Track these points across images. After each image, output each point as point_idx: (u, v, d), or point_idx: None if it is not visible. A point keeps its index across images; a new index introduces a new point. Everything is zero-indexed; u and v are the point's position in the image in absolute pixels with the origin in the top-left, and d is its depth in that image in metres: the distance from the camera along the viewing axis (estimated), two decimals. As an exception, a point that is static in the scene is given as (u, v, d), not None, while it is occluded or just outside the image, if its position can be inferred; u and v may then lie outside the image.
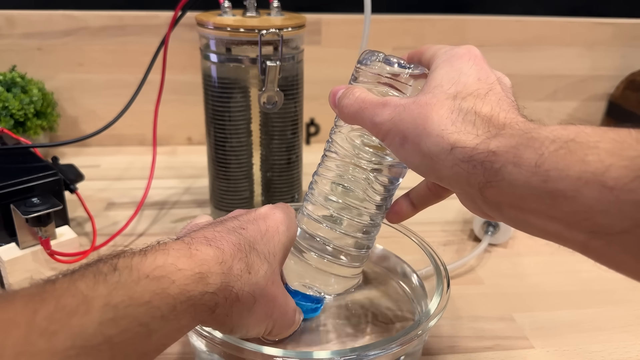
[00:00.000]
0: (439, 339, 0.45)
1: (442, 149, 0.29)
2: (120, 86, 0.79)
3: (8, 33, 0.77)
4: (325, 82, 0.83)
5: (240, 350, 0.33)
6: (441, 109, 0.30)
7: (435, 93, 0.31)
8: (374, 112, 0.33)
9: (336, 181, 0.39)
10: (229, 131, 0.55)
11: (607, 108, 0.92)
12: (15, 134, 0.63)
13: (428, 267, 0.44)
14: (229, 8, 0.52)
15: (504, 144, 0.27)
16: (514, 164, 0.26)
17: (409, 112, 0.31)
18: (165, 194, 0.69)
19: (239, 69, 0.52)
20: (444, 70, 0.32)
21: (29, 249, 0.48)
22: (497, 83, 0.31)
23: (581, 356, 0.44)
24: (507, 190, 0.26)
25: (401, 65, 0.36)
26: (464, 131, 0.29)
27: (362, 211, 0.39)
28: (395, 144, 0.32)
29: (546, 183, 0.24)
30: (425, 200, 0.39)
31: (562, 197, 0.24)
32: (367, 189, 0.38)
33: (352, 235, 0.40)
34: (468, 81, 0.31)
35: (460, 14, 0.85)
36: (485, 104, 0.29)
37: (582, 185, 0.23)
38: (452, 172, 0.29)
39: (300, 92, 0.56)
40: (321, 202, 0.40)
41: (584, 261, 0.24)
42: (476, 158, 0.27)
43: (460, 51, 0.33)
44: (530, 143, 0.25)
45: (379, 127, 0.33)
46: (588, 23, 0.86)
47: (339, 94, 0.36)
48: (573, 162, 0.24)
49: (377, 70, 0.36)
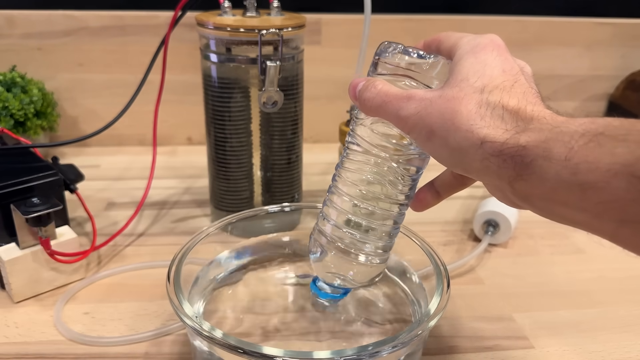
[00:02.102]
0: (439, 339, 0.45)
1: (472, 144, 0.29)
2: (120, 86, 0.79)
3: (8, 33, 0.77)
4: (325, 82, 0.84)
5: (240, 350, 0.33)
6: (469, 104, 0.30)
7: (462, 87, 0.31)
8: (398, 106, 0.32)
9: (362, 173, 0.39)
10: (229, 131, 0.55)
11: (607, 108, 0.92)
12: (15, 134, 0.63)
13: (428, 267, 0.43)
14: (229, 8, 0.52)
15: (533, 138, 0.27)
16: (544, 158, 0.26)
17: (436, 106, 0.31)
18: (165, 194, 0.69)
19: (239, 69, 0.52)
20: (469, 62, 0.32)
21: (29, 249, 0.48)
22: (521, 74, 0.32)
23: (581, 356, 0.44)
24: (538, 183, 0.27)
25: (421, 56, 0.35)
26: (493, 126, 0.29)
27: (390, 202, 0.39)
28: (422, 137, 0.32)
29: (576, 175, 0.25)
30: (450, 188, 0.39)
31: (592, 188, 0.25)
32: (393, 179, 0.38)
33: (381, 226, 0.40)
34: (493, 73, 0.31)
35: (460, 14, 0.85)
36: (512, 97, 0.30)
37: (611, 176, 0.24)
38: (482, 166, 0.29)
39: (300, 92, 0.56)
40: (348, 195, 0.39)
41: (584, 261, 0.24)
42: (506, 152, 0.28)
43: (484, 41, 0.33)
44: (560, 137, 0.26)
45: (404, 121, 0.32)
46: (588, 23, 0.86)
47: (359, 87, 0.35)
48: (602, 154, 0.24)
49: (396, 61, 0.36)
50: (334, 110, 0.76)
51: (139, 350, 0.43)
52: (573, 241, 0.60)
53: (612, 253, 0.57)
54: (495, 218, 0.58)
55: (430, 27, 0.82)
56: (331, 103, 0.84)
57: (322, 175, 0.76)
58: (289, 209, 0.53)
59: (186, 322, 0.35)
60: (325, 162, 0.78)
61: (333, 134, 0.68)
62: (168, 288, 0.38)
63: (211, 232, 0.46)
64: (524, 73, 0.32)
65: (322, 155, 0.79)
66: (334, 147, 0.77)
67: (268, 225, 0.53)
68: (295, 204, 0.56)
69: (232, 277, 0.49)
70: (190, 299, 0.43)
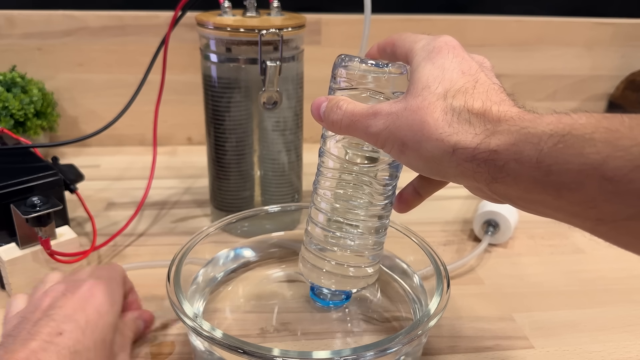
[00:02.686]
0: (439, 339, 0.45)
1: (444, 152, 0.29)
2: (120, 86, 0.79)
3: (8, 33, 0.77)
4: (325, 82, 0.83)
5: (240, 350, 0.33)
6: (435, 112, 0.30)
7: (425, 95, 0.31)
8: (366, 124, 0.33)
9: (337, 189, 0.39)
10: (229, 131, 0.55)
11: (607, 108, 0.92)
12: (15, 134, 0.63)
13: (428, 267, 0.44)
14: (229, 8, 0.52)
15: (503, 141, 0.27)
16: (515, 161, 0.27)
17: (403, 119, 0.31)
18: (166, 194, 0.69)
19: (239, 69, 0.52)
20: (427, 69, 0.32)
21: (29, 249, 0.48)
22: (480, 71, 0.32)
23: (581, 356, 0.44)
24: (513, 185, 0.27)
25: (378, 66, 0.35)
26: (462, 131, 0.29)
27: (369, 213, 0.39)
28: (395, 150, 0.32)
29: (549, 177, 0.25)
30: (429, 188, 0.39)
31: (566, 189, 0.25)
32: (368, 191, 0.38)
33: (364, 237, 0.40)
34: (453, 77, 0.31)
35: (460, 14, 0.85)
36: (476, 99, 0.30)
37: (583, 178, 0.24)
38: (458, 172, 0.29)
39: (300, 92, 0.56)
40: (327, 210, 0.40)
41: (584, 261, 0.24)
42: (479, 157, 0.28)
43: (438, 44, 0.33)
44: (529, 139, 0.26)
45: (375, 137, 0.32)
46: (588, 23, 0.86)
47: (323, 108, 0.35)
48: (572, 155, 0.24)
49: (355, 73, 0.36)
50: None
51: (139, 350, 0.43)
52: (573, 241, 0.60)
53: (612, 253, 0.57)
54: (495, 218, 0.58)
55: (430, 27, 0.82)
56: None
57: (322, 175, 0.76)
58: (289, 209, 0.53)
59: (186, 322, 0.35)
60: (325, 162, 0.78)
61: (333, 134, 0.68)
62: (168, 288, 0.38)
63: (211, 232, 0.46)
64: (483, 69, 0.32)
65: (322, 155, 0.79)
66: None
67: (268, 225, 0.53)
68: (295, 204, 0.56)
69: (232, 276, 0.49)
70: (190, 299, 0.43)
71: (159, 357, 0.42)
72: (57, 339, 0.33)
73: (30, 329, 0.34)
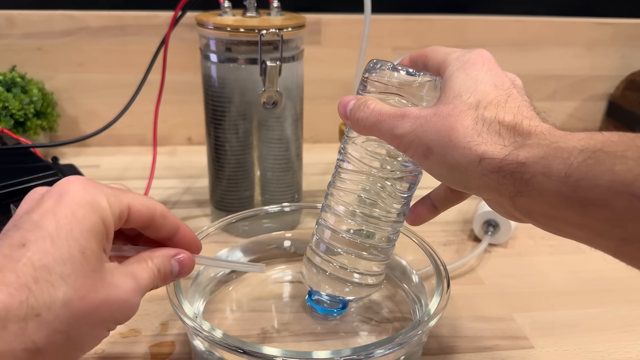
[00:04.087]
0: (439, 339, 0.45)
1: (470, 161, 0.29)
2: (120, 86, 0.79)
3: (8, 33, 0.77)
4: (325, 82, 0.84)
5: (240, 350, 0.33)
6: (465, 120, 0.30)
7: (456, 104, 0.31)
8: (393, 124, 0.32)
9: (354, 192, 0.39)
10: (229, 131, 0.55)
11: (607, 108, 0.92)
12: (15, 134, 0.63)
13: (428, 267, 0.44)
14: (229, 8, 0.52)
15: (532, 154, 0.27)
16: (543, 175, 0.26)
17: (431, 124, 0.31)
18: (165, 194, 0.69)
19: (239, 69, 0.52)
20: (460, 79, 0.32)
21: (29, 249, 0.48)
22: (513, 87, 0.32)
23: (581, 356, 0.44)
24: (538, 199, 0.27)
25: (410, 74, 0.35)
26: (491, 142, 0.29)
27: (383, 220, 0.39)
28: (418, 155, 0.32)
29: (576, 192, 0.25)
30: (446, 202, 0.39)
31: (593, 205, 0.25)
32: (385, 198, 0.38)
33: (375, 244, 0.40)
34: (486, 89, 0.31)
35: (460, 14, 0.85)
36: (507, 112, 0.30)
37: (612, 195, 0.24)
38: (482, 183, 0.29)
39: (300, 91, 0.56)
40: (341, 214, 0.39)
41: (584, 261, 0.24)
42: (506, 169, 0.28)
43: (473, 56, 0.33)
44: (559, 153, 0.26)
45: (399, 139, 0.32)
46: (588, 23, 0.86)
47: (350, 106, 0.35)
48: (602, 172, 0.24)
49: (385, 79, 0.36)
50: (334, 110, 0.75)
51: (139, 350, 0.43)
52: (573, 241, 0.60)
53: (612, 253, 0.57)
54: (495, 218, 0.58)
55: (430, 27, 0.82)
56: (331, 103, 0.84)
57: (322, 175, 0.76)
58: (289, 209, 0.53)
59: (186, 322, 0.35)
60: (325, 162, 0.78)
61: (333, 134, 0.68)
62: (168, 288, 0.38)
63: (211, 232, 0.46)
64: (515, 86, 0.32)
65: (322, 155, 0.79)
66: (334, 147, 0.77)
67: (268, 225, 0.53)
68: (295, 204, 0.56)
69: (232, 276, 0.49)
70: (190, 299, 0.43)
71: (158, 357, 0.42)
72: (18, 252, 0.26)
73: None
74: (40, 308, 0.26)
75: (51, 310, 0.26)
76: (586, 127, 0.35)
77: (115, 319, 0.30)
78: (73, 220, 0.28)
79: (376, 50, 0.60)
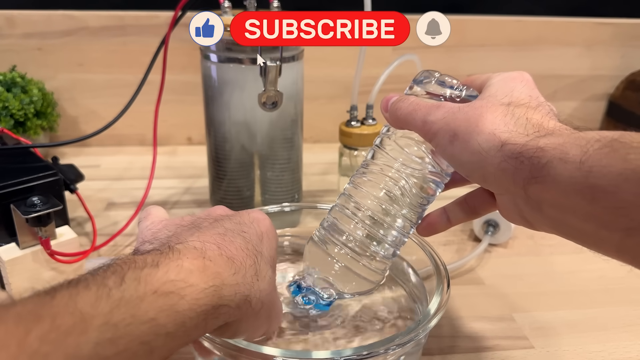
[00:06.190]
0: (439, 339, 0.45)
1: (493, 146, 0.30)
2: (120, 86, 0.79)
3: (8, 33, 0.77)
4: (325, 82, 0.84)
5: (240, 350, 0.33)
6: (496, 111, 0.32)
7: (490, 100, 0.33)
8: (427, 112, 0.35)
9: (379, 187, 0.39)
10: (229, 131, 0.55)
11: (607, 108, 0.92)
12: (15, 134, 0.63)
13: (428, 267, 0.44)
14: (229, 8, 0.52)
15: (552, 141, 0.28)
16: (560, 159, 0.27)
17: (462, 112, 0.33)
18: (166, 194, 0.69)
19: (239, 69, 0.52)
20: (498, 85, 0.35)
21: (29, 249, 0.48)
22: (547, 104, 0.34)
23: (581, 356, 0.44)
24: (551, 185, 0.28)
25: (455, 87, 0.38)
26: (515, 132, 0.30)
27: (402, 218, 0.39)
28: (444, 141, 0.33)
29: (588, 179, 0.26)
30: (461, 215, 0.40)
31: (602, 192, 0.26)
32: (408, 197, 0.39)
33: (387, 240, 0.40)
34: (520, 96, 0.33)
35: (460, 14, 0.85)
36: (536, 113, 0.32)
37: (622, 181, 0.25)
38: (499, 169, 0.30)
39: (300, 92, 0.56)
40: (362, 206, 0.39)
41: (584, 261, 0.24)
42: (525, 154, 0.29)
43: (514, 74, 0.36)
44: (577, 141, 0.27)
45: (429, 126, 0.34)
46: (588, 23, 0.86)
47: (393, 99, 0.38)
48: (615, 159, 0.25)
49: (431, 89, 0.38)
50: (334, 110, 0.76)
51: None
52: (573, 242, 0.60)
53: (612, 253, 0.57)
54: (495, 218, 0.58)
55: (430, 27, 0.82)
56: (331, 103, 0.84)
57: (322, 175, 0.76)
58: (289, 209, 0.53)
59: (186, 322, 0.35)
60: (325, 162, 0.78)
61: (333, 134, 0.68)
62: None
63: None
64: (548, 104, 0.34)
65: (322, 155, 0.79)
66: (334, 147, 0.77)
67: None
68: (295, 204, 0.56)
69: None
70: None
71: (159, 357, 0.42)
72: (243, 234, 0.32)
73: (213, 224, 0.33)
74: (259, 275, 0.31)
75: (264, 282, 0.31)
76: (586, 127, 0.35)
77: (271, 322, 0.34)
78: (269, 234, 0.35)
79: (376, 50, 0.59)
